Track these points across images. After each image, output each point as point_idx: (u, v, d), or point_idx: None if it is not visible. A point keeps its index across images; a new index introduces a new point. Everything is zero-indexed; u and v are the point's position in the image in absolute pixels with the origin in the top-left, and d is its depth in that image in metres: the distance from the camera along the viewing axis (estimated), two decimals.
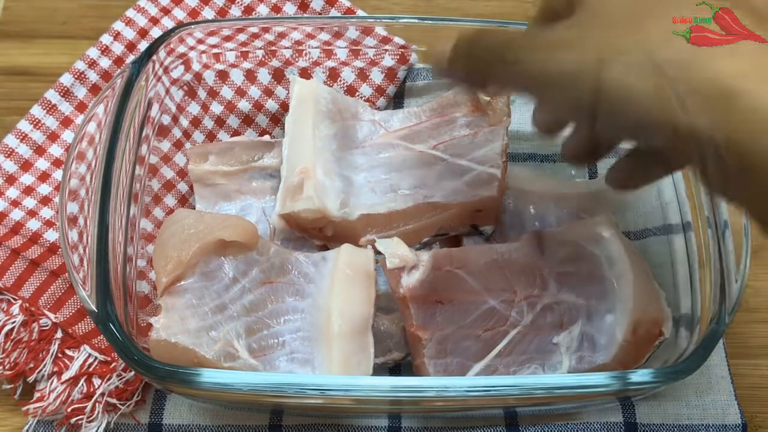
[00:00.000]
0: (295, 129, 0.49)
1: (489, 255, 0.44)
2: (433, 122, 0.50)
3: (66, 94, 0.54)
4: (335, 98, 0.51)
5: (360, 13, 0.58)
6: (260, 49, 0.52)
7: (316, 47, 0.52)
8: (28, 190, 0.51)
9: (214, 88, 0.53)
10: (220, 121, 0.54)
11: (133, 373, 0.46)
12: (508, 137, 0.49)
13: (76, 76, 0.54)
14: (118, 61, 0.55)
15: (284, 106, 0.54)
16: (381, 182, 0.48)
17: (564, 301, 0.44)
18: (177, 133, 0.52)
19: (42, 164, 0.52)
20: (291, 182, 0.46)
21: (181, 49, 0.49)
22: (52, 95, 0.54)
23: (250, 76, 0.54)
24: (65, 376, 0.46)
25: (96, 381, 0.46)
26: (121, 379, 0.46)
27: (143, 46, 0.55)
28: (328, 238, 0.47)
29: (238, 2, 0.58)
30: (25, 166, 0.52)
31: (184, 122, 0.52)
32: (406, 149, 0.49)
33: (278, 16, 0.58)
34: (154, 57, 0.46)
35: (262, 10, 0.58)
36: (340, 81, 0.54)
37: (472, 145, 0.48)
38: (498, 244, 0.47)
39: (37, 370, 0.47)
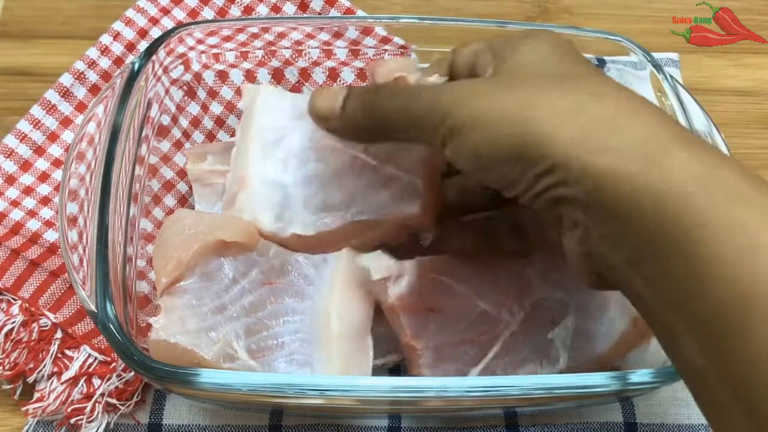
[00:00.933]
0: (240, 135, 0.46)
1: (472, 259, 0.44)
2: None
3: (66, 94, 0.54)
4: (285, 99, 0.46)
5: (360, 13, 0.58)
6: (260, 49, 0.52)
7: (315, 47, 0.52)
8: (28, 191, 0.51)
9: (214, 89, 0.53)
10: (219, 122, 0.54)
11: (132, 373, 0.46)
12: None
13: (75, 77, 0.54)
14: (118, 61, 0.55)
15: None
16: (313, 197, 0.44)
17: (552, 296, 0.44)
18: (177, 133, 0.52)
19: (42, 164, 0.52)
20: (229, 192, 0.44)
21: (181, 49, 0.49)
22: (51, 95, 0.54)
23: (250, 76, 0.54)
24: (65, 376, 0.46)
25: (96, 381, 0.46)
26: (120, 379, 0.46)
27: (143, 46, 0.55)
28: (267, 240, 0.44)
29: (238, 2, 0.58)
30: (25, 166, 0.52)
31: (184, 122, 0.52)
32: (341, 153, 0.44)
33: (278, 16, 0.58)
34: (154, 57, 0.46)
35: (262, 10, 0.58)
36: (340, 81, 0.54)
37: (402, 148, 0.43)
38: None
39: (36, 371, 0.47)
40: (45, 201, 0.51)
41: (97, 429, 0.46)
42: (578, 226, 0.31)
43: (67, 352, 0.47)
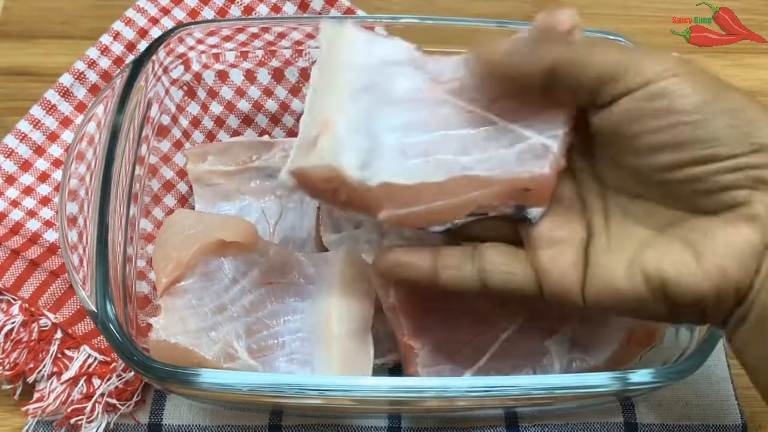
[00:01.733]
0: (320, 78, 0.40)
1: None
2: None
3: (66, 94, 0.54)
4: (373, 43, 0.42)
5: (360, 13, 0.58)
6: (260, 49, 0.52)
7: (315, 47, 0.52)
8: (28, 191, 0.51)
9: (214, 89, 0.53)
10: (219, 122, 0.54)
11: (132, 373, 0.46)
12: None
13: (75, 76, 0.54)
14: (118, 61, 0.55)
15: (284, 107, 0.54)
16: (415, 145, 0.39)
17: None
18: (177, 133, 0.52)
19: (42, 164, 0.52)
20: (307, 136, 0.38)
21: (181, 49, 0.49)
22: (51, 95, 0.54)
23: (250, 76, 0.54)
24: (65, 376, 0.46)
25: (96, 381, 0.46)
26: (120, 379, 0.46)
27: (143, 46, 0.55)
28: (342, 203, 0.38)
29: (238, 2, 0.58)
30: (25, 166, 0.52)
31: (184, 122, 0.52)
32: (453, 107, 0.40)
33: (278, 16, 0.57)
34: (154, 57, 0.46)
35: (262, 10, 0.58)
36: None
37: (534, 108, 0.38)
38: None
39: (36, 371, 0.46)
40: (45, 201, 0.51)
41: (97, 429, 0.46)
42: (761, 218, 0.30)
43: (67, 352, 0.47)
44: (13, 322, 0.47)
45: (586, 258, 0.35)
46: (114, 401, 0.46)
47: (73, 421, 0.45)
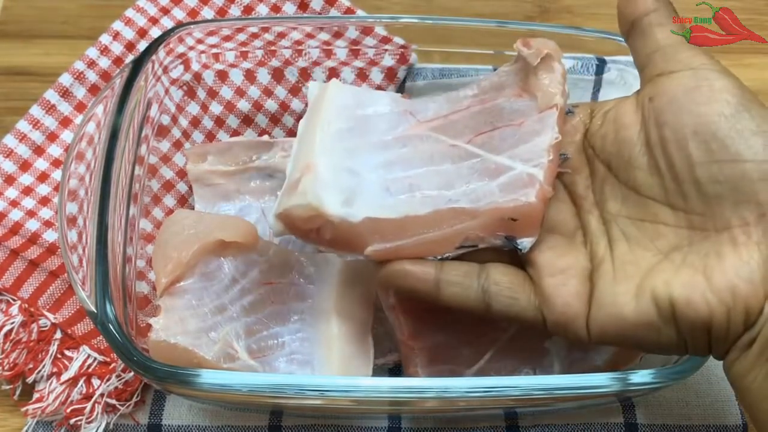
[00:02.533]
0: (305, 128, 0.42)
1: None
2: (473, 110, 0.41)
3: (65, 94, 0.54)
4: (357, 94, 0.43)
5: (360, 13, 0.58)
6: (260, 49, 0.52)
7: (315, 47, 0.52)
8: (27, 191, 0.51)
9: (214, 88, 0.53)
10: (219, 121, 0.53)
11: (132, 373, 0.46)
12: (560, 126, 0.38)
13: (75, 76, 0.54)
14: (118, 61, 0.55)
15: (284, 106, 0.54)
16: (398, 180, 0.39)
17: None
18: (176, 133, 0.52)
19: (41, 164, 0.52)
20: (291, 179, 0.39)
21: (181, 49, 0.49)
22: (51, 95, 0.53)
23: (250, 76, 0.54)
24: (64, 376, 0.46)
25: (95, 382, 0.46)
26: (120, 379, 0.46)
27: (142, 46, 0.55)
28: (327, 243, 0.38)
29: (238, 2, 0.58)
30: (24, 166, 0.52)
31: (184, 122, 0.52)
32: (437, 142, 0.40)
33: (278, 16, 0.57)
34: (154, 57, 0.46)
35: (262, 9, 0.58)
36: (340, 81, 0.54)
37: (516, 139, 0.39)
38: None
39: (36, 371, 0.46)
40: (44, 201, 0.51)
41: (97, 429, 0.46)
42: None
43: (66, 352, 0.47)
44: (12, 323, 0.47)
45: (591, 288, 0.34)
46: (113, 401, 0.46)
47: (72, 421, 0.45)
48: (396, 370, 0.47)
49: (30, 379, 0.46)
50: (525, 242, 0.37)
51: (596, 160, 0.37)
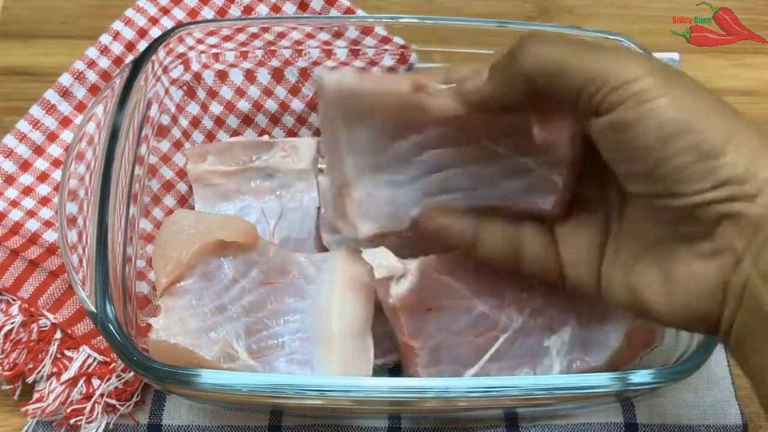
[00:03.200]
0: (326, 139, 0.42)
1: (475, 260, 0.44)
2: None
3: (65, 94, 0.54)
4: (369, 86, 0.39)
5: (360, 13, 0.58)
6: (260, 49, 0.52)
7: (315, 47, 0.52)
8: (27, 191, 0.51)
9: (214, 88, 0.53)
10: (219, 121, 0.53)
11: (132, 373, 0.46)
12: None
13: (75, 76, 0.54)
14: (118, 61, 0.55)
15: (284, 106, 0.54)
16: (430, 185, 0.41)
17: (554, 304, 0.44)
18: (176, 133, 0.52)
19: (41, 164, 0.52)
20: (337, 204, 0.42)
21: (181, 49, 0.49)
22: (51, 95, 0.53)
23: (250, 76, 0.54)
24: (64, 376, 0.46)
25: (95, 382, 0.46)
26: (120, 379, 0.46)
27: (142, 46, 0.55)
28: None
29: (238, 2, 0.58)
30: (24, 166, 0.52)
31: (184, 122, 0.52)
32: (465, 144, 0.40)
33: (278, 16, 0.57)
34: (154, 57, 0.46)
35: (262, 9, 0.58)
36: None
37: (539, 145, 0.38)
38: None
39: (36, 371, 0.46)
40: (44, 201, 0.51)
41: (97, 429, 0.46)
42: (724, 253, 0.30)
43: (66, 352, 0.47)
44: (12, 323, 0.47)
45: (601, 259, 0.36)
46: (113, 401, 0.46)
47: (72, 421, 0.45)
48: (396, 370, 0.46)
49: (30, 379, 0.46)
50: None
51: None
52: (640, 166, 0.31)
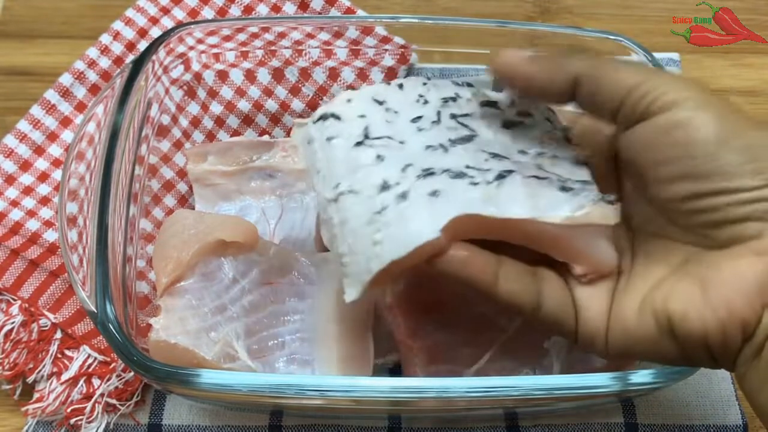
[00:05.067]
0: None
1: None
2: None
3: (65, 94, 0.54)
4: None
5: (360, 12, 0.58)
6: (260, 48, 0.52)
7: (316, 47, 0.52)
8: (28, 190, 0.51)
9: (214, 88, 0.53)
10: (219, 121, 0.54)
11: (132, 373, 0.46)
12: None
13: (75, 76, 0.54)
14: (118, 60, 0.55)
15: (284, 106, 0.54)
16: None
17: None
18: (177, 133, 0.52)
19: (41, 164, 0.52)
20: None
21: (181, 48, 0.49)
22: (51, 95, 0.54)
23: (250, 76, 0.54)
24: (65, 376, 0.46)
25: (95, 381, 0.46)
26: (120, 379, 0.46)
27: (143, 45, 0.55)
28: None
29: (238, 2, 0.58)
30: (25, 166, 0.52)
31: (184, 122, 0.52)
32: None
33: (278, 16, 0.57)
34: (154, 57, 0.46)
35: (262, 9, 0.58)
36: (340, 81, 0.54)
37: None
38: None
39: (36, 371, 0.46)
40: (45, 201, 0.51)
41: (97, 429, 0.46)
42: (765, 254, 0.30)
43: (66, 352, 0.47)
44: (12, 322, 0.47)
45: (611, 302, 0.34)
46: (114, 401, 0.46)
47: (72, 421, 0.45)
48: (396, 370, 0.46)
49: (30, 379, 0.46)
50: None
51: (622, 172, 0.37)
52: (688, 163, 0.31)
